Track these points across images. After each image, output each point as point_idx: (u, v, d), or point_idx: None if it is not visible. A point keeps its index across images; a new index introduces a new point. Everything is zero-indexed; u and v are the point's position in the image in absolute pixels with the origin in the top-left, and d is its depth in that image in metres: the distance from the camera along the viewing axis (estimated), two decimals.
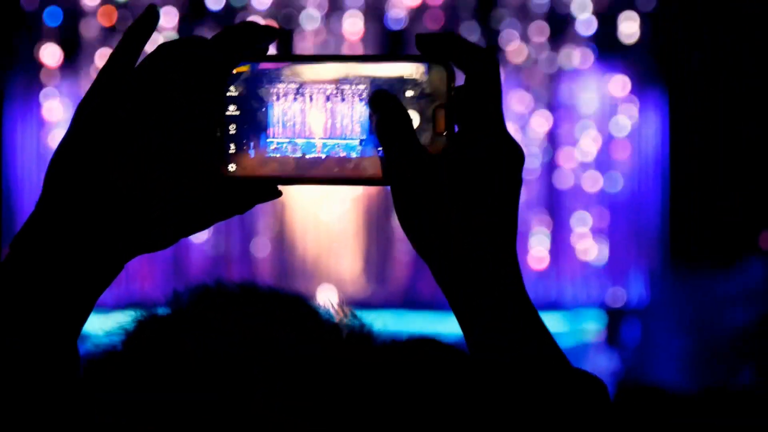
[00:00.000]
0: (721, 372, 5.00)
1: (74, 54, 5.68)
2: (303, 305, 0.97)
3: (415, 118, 0.86)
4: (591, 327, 6.02)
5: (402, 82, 0.86)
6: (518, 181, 0.84)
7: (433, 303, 5.50)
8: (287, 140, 0.86)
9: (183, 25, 5.60)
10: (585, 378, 0.83)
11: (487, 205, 0.84)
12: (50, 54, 5.61)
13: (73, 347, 0.80)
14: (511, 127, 5.63)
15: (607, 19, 5.95)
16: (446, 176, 0.84)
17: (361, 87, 0.87)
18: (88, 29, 5.67)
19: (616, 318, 6.05)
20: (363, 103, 0.87)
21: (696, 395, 3.12)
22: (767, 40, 5.71)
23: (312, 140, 0.87)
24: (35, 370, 0.78)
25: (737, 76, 5.79)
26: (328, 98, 0.87)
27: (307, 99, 0.87)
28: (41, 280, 0.79)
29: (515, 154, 0.85)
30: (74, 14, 5.69)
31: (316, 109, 0.87)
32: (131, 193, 0.80)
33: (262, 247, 6.11)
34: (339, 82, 0.87)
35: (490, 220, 0.84)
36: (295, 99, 0.87)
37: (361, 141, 0.87)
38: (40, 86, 5.65)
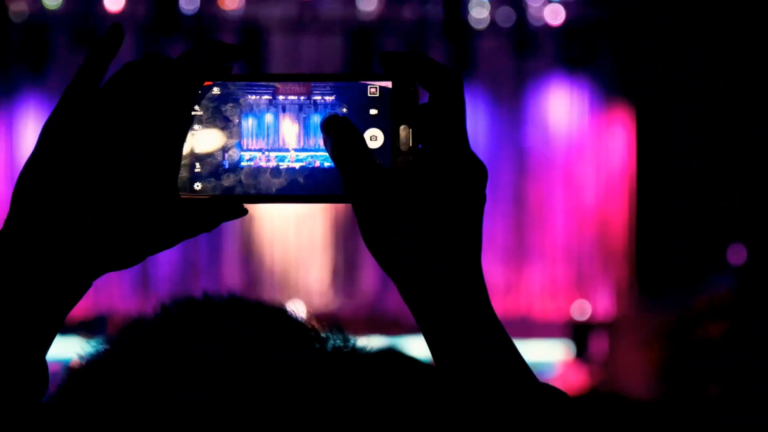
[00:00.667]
0: (688, 385, 5.02)
1: (44, 63, 5.66)
2: (289, 317, 0.98)
3: (380, 135, 0.86)
4: (558, 341, 6.03)
5: (366, 100, 0.87)
6: (482, 198, 0.85)
7: (398, 318, 5.51)
8: (258, 153, 0.86)
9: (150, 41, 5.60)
10: (548, 388, 0.84)
11: (465, 213, 0.85)
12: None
13: (42, 363, 0.80)
14: (478, 142, 5.65)
15: (573, 34, 5.98)
16: (425, 186, 0.84)
17: (325, 104, 0.87)
18: (57, 41, 5.65)
19: (583, 332, 6.07)
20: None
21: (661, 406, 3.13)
22: (733, 54, 5.75)
23: (285, 153, 0.87)
24: (3, 386, 0.78)
25: (705, 90, 5.83)
26: (295, 114, 0.87)
27: (275, 115, 0.87)
28: (7, 297, 0.79)
29: (479, 171, 0.85)
30: (43, 24, 5.67)
31: (284, 125, 0.87)
32: (93, 215, 0.80)
33: (230, 259, 6.10)
34: (303, 100, 0.87)
35: (478, 223, 0.85)
36: (261, 116, 0.87)
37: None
38: (10, 94, 5.63)
